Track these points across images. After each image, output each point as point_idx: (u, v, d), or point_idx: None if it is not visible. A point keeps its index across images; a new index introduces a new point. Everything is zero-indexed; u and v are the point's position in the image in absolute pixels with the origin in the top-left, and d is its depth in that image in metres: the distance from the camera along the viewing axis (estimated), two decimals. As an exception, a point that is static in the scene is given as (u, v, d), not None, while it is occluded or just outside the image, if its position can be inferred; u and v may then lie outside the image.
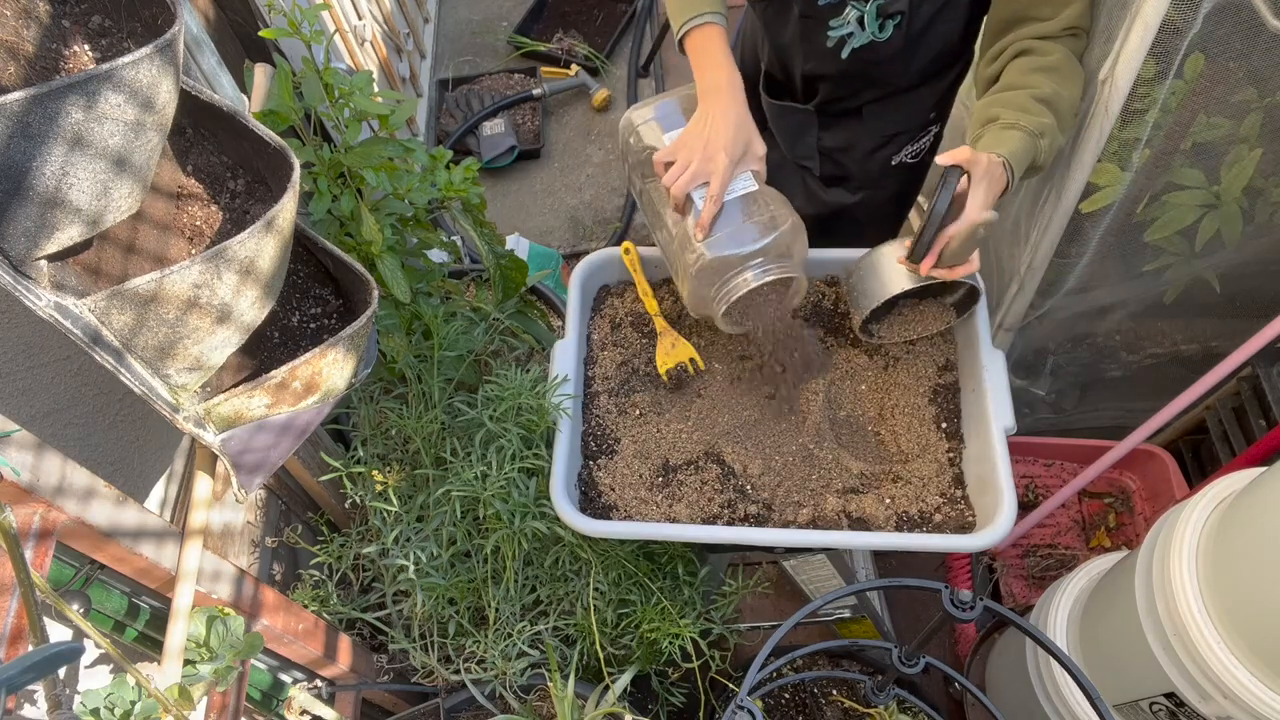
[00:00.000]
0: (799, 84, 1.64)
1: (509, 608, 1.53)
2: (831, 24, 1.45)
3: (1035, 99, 1.28)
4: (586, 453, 1.42)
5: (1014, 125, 1.26)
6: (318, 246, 1.28)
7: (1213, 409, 1.88)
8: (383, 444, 1.62)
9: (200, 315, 0.97)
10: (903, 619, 2.12)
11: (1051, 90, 1.28)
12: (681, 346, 1.48)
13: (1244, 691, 1.13)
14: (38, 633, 0.84)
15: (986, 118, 1.30)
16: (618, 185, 3.00)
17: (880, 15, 1.40)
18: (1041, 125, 1.27)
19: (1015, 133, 1.26)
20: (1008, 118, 1.27)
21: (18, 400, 1.12)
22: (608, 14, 3.43)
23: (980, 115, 1.32)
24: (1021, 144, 1.26)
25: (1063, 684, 1.49)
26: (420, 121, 3.01)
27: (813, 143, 1.70)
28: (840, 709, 1.82)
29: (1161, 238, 1.57)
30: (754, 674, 1.00)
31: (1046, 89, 1.28)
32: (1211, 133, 1.42)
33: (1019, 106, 1.28)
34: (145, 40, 0.86)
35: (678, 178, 1.28)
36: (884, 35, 1.41)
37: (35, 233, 0.82)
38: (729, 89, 1.30)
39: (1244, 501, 1.18)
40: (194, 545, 1.15)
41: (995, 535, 1.23)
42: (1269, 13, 1.20)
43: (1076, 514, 2.13)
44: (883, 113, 1.61)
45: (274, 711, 1.47)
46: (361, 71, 1.72)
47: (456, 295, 1.81)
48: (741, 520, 1.33)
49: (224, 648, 1.18)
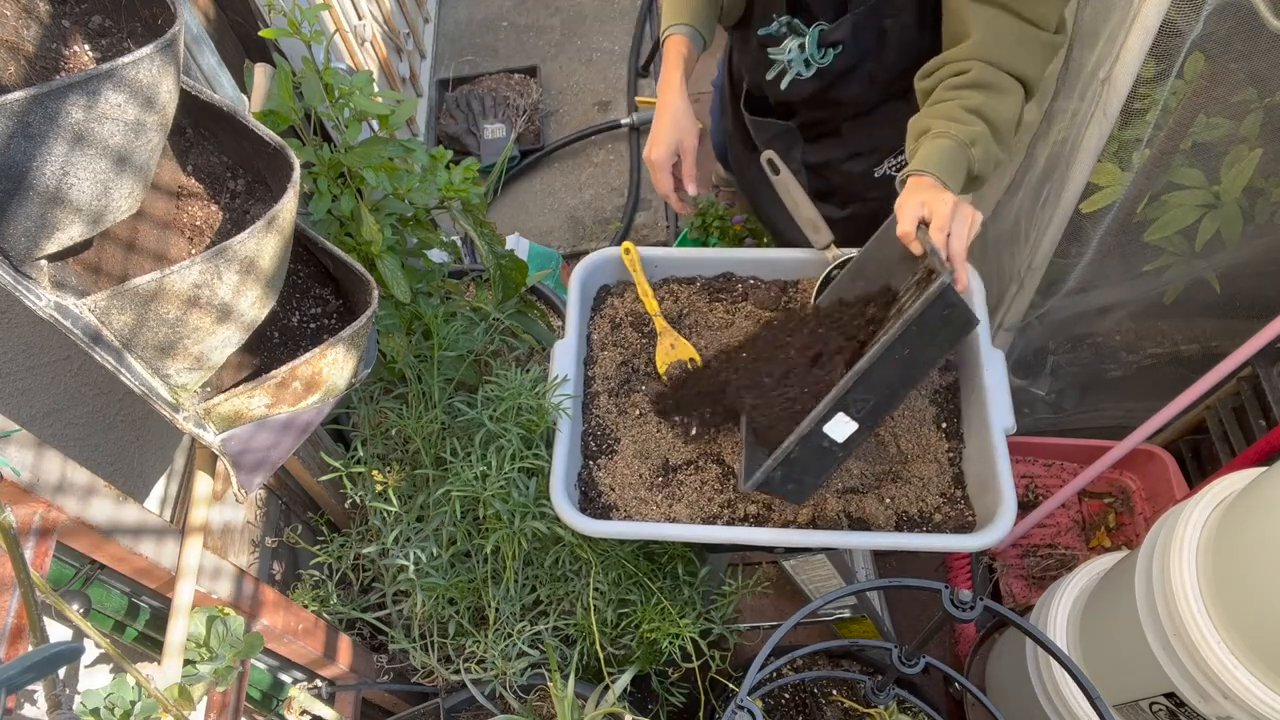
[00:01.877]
0: (775, 104, 1.67)
1: (509, 608, 1.53)
2: (770, 53, 1.48)
3: (964, 109, 1.28)
4: (586, 453, 1.42)
5: (944, 134, 1.26)
6: (318, 246, 1.28)
7: (1213, 409, 1.88)
8: (383, 444, 1.62)
9: (201, 314, 0.97)
10: (903, 619, 2.12)
11: (980, 101, 1.28)
12: (681, 346, 1.48)
13: (1244, 691, 1.13)
14: (37, 632, 0.84)
15: (920, 130, 1.31)
16: (618, 185, 3.00)
17: (822, 44, 1.43)
18: (972, 134, 1.26)
19: (944, 140, 1.26)
20: (938, 128, 1.27)
21: (18, 400, 1.12)
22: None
23: (915, 129, 1.32)
24: (950, 153, 1.25)
25: (1063, 684, 1.49)
26: (420, 122, 3.01)
27: (798, 157, 1.72)
28: (840, 709, 1.82)
29: (1161, 238, 1.57)
30: (754, 674, 1.00)
31: (974, 100, 1.28)
32: (1211, 133, 1.43)
33: (948, 116, 1.28)
34: (145, 40, 0.86)
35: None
36: (825, 62, 1.45)
37: (36, 232, 0.82)
38: (669, 89, 1.52)
39: (1244, 501, 1.18)
40: (194, 543, 1.15)
41: (995, 535, 1.23)
42: (1269, 13, 1.20)
43: (1076, 514, 2.13)
44: (863, 129, 1.64)
45: (274, 711, 1.47)
46: (361, 71, 1.72)
47: (456, 295, 1.81)
48: (741, 520, 1.33)
49: (224, 647, 1.18)
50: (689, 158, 1.52)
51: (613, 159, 3.06)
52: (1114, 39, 1.29)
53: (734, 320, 1.53)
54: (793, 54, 1.49)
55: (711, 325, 1.53)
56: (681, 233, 2.69)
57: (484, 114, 3.07)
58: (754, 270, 1.57)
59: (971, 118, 1.27)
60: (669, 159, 1.50)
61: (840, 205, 1.75)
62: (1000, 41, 1.27)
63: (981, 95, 1.27)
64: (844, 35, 1.44)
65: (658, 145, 1.50)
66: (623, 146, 3.07)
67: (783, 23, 1.49)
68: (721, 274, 1.58)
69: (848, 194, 1.75)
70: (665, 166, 1.50)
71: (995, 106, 1.28)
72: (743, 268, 1.57)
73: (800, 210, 1.49)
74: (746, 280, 1.57)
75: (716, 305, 1.55)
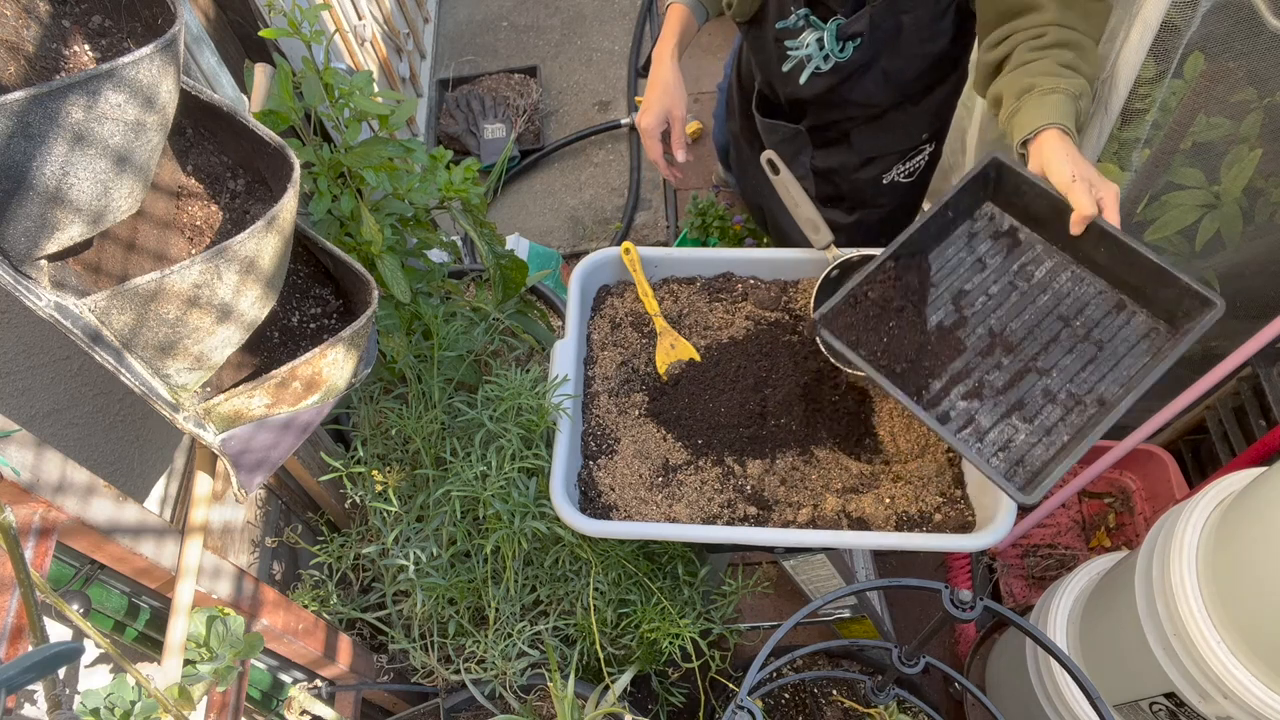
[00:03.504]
0: (785, 104, 1.66)
1: (509, 608, 1.53)
2: (789, 46, 1.48)
3: (1060, 65, 1.26)
4: (586, 453, 1.42)
5: (1054, 89, 1.23)
6: (318, 246, 1.28)
7: (1213, 409, 1.88)
8: (383, 444, 1.62)
9: (201, 314, 0.97)
10: (903, 619, 2.12)
11: (1071, 57, 1.26)
12: (681, 346, 1.48)
13: (1244, 691, 1.13)
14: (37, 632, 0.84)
15: (1021, 89, 1.27)
16: (618, 185, 3.00)
17: (840, 37, 1.43)
18: (1079, 86, 1.24)
19: (1058, 95, 1.23)
20: (1046, 84, 1.24)
21: (18, 400, 1.12)
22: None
23: (1013, 88, 1.28)
24: (1067, 105, 1.23)
25: (1063, 684, 1.49)
26: (420, 122, 3.01)
27: (806, 162, 1.72)
28: (840, 709, 1.82)
29: (1161, 238, 1.57)
30: (754, 674, 1.00)
31: (1067, 56, 1.26)
32: (1211, 132, 1.43)
33: (1049, 72, 1.25)
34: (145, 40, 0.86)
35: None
36: (844, 56, 1.45)
37: (36, 232, 0.82)
38: (662, 57, 1.56)
39: (1244, 501, 1.18)
40: (194, 542, 1.15)
41: (995, 535, 1.23)
42: (1269, 12, 1.20)
43: (1076, 514, 2.13)
44: (872, 134, 1.64)
45: (274, 711, 1.47)
46: (361, 71, 1.72)
47: (456, 295, 1.81)
48: (741, 520, 1.33)
49: (224, 647, 1.18)
50: (678, 125, 1.54)
51: (613, 159, 3.06)
52: (1114, 37, 1.29)
53: (734, 320, 1.53)
54: (810, 47, 1.49)
55: (711, 325, 1.53)
56: (681, 233, 2.69)
57: (484, 114, 3.07)
58: (754, 270, 1.57)
59: (1070, 73, 1.25)
60: (658, 126, 1.53)
61: (848, 211, 1.75)
62: (1072, 8, 1.27)
63: (1071, 53, 1.26)
64: (862, 28, 1.44)
65: (648, 113, 1.53)
66: (623, 146, 3.07)
67: (801, 16, 1.49)
68: (721, 274, 1.58)
69: (856, 200, 1.75)
70: (655, 133, 1.53)
71: (1085, 64, 1.27)
72: (743, 268, 1.57)
73: (800, 210, 1.49)
74: (746, 280, 1.57)
75: (716, 305, 1.55)
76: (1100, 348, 1.27)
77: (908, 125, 1.63)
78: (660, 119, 1.52)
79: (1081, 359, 1.27)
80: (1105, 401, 1.23)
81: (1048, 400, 1.25)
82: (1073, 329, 1.28)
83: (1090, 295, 1.30)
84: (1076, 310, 1.29)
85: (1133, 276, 1.25)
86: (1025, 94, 1.25)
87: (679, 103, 1.53)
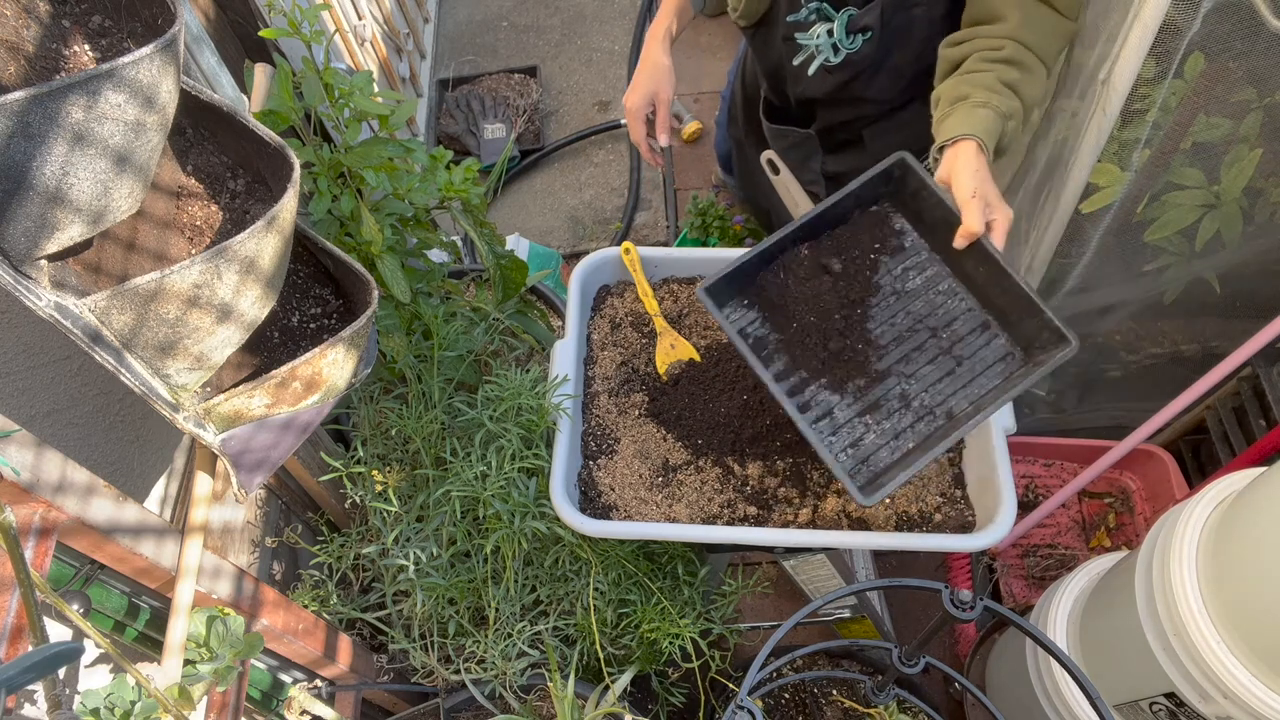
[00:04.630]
0: (795, 108, 1.65)
1: (509, 608, 1.53)
2: (799, 38, 1.47)
3: (1002, 82, 1.28)
4: (586, 453, 1.42)
5: (986, 104, 1.26)
6: (318, 246, 1.28)
7: (1213, 409, 1.88)
8: (383, 444, 1.62)
9: (201, 314, 0.97)
10: (903, 619, 2.12)
11: (1016, 77, 1.29)
12: (681, 346, 1.48)
13: (1244, 691, 1.13)
14: (37, 632, 0.84)
15: (957, 96, 1.30)
16: (618, 185, 3.00)
17: (850, 30, 1.43)
18: (1011, 108, 1.27)
19: (987, 111, 1.26)
20: (980, 97, 1.27)
21: (18, 400, 1.12)
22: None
23: (950, 94, 1.31)
24: (992, 123, 1.26)
25: (1063, 684, 1.49)
26: (420, 122, 3.01)
27: (817, 168, 1.71)
28: (840, 709, 1.82)
29: (1161, 238, 1.57)
30: (754, 674, 1.00)
31: (1012, 75, 1.29)
32: (1211, 132, 1.42)
33: (988, 87, 1.28)
34: (145, 40, 0.86)
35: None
36: (854, 48, 1.44)
37: (35, 232, 0.82)
38: (654, 39, 1.57)
39: (1244, 501, 1.18)
40: (194, 542, 1.15)
41: (995, 535, 1.23)
42: (1269, 12, 1.20)
43: (1076, 514, 2.13)
44: (883, 135, 1.63)
45: (274, 711, 1.47)
46: (361, 71, 1.72)
47: (456, 295, 1.81)
48: (741, 520, 1.33)
49: (224, 647, 1.18)
50: (664, 108, 1.54)
51: (613, 159, 3.06)
52: (1114, 38, 1.29)
53: (734, 320, 1.53)
54: (821, 39, 1.47)
55: (711, 325, 1.53)
56: (681, 233, 2.69)
57: (484, 114, 3.07)
58: (754, 270, 1.57)
59: (1009, 93, 1.27)
60: (644, 107, 1.53)
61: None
62: (1033, 26, 1.29)
63: (1017, 73, 1.28)
64: (873, 20, 1.43)
65: (634, 92, 1.53)
66: (623, 146, 3.07)
67: (811, 8, 1.48)
68: (721, 274, 1.58)
69: None
70: (640, 114, 1.53)
71: (1028, 86, 1.29)
72: (743, 268, 1.57)
73: (800, 210, 1.49)
74: (746, 280, 1.57)
75: (716, 305, 1.55)
76: (959, 363, 1.29)
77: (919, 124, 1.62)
78: (646, 99, 1.52)
79: (941, 370, 1.29)
80: (953, 416, 1.26)
81: (902, 405, 1.28)
82: (939, 340, 1.31)
83: (960, 310, 1.32)
84: (945, 322, 1.32)
85: (1002, 300, 1.28)
86: (959, 101, 1.28)
87: (666, 85, 1.53)
